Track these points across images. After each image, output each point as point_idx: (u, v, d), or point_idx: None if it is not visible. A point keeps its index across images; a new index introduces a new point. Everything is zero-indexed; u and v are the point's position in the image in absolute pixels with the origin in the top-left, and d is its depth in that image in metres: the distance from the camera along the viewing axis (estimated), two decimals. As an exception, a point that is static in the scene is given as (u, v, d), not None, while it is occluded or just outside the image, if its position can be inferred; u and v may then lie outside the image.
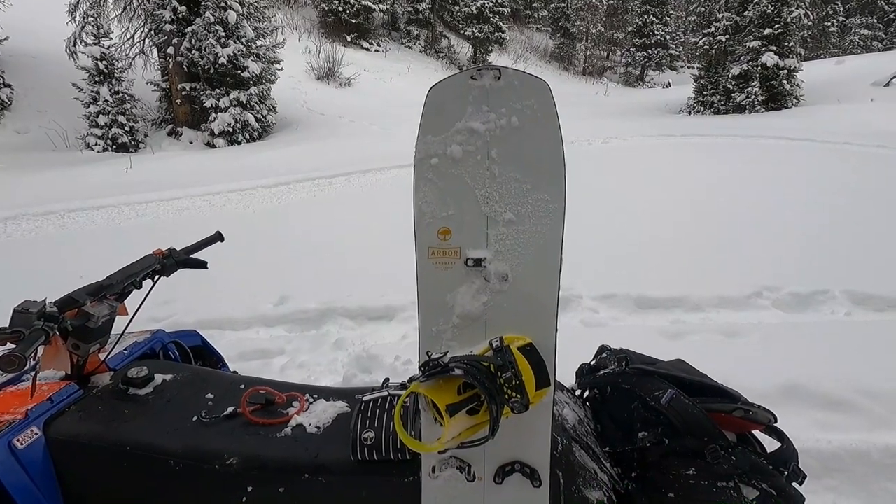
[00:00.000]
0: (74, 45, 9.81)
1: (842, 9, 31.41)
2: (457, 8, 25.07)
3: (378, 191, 6.79)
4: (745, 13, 15.06)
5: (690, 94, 17.22)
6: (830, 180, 6.29)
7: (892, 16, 32.83)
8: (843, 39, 31.89)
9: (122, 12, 10.74)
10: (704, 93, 16.44)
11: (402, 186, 6.29)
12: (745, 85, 14.75)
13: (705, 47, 16.46)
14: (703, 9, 17.05)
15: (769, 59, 14.19)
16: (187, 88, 10.43)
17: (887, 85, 14.76)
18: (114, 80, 9.76)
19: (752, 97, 14.51)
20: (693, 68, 21.66)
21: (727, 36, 15.65)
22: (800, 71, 14.55)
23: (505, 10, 24.36)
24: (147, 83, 10.96)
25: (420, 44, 23.99)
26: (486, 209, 0.86)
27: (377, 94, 16.76)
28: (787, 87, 14.43)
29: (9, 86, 10.84)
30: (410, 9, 23.95)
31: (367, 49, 21.28)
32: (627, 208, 5.38)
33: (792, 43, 14.18)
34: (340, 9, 20.43)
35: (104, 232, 5.38)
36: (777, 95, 14.54)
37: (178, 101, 10.72)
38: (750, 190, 6.04)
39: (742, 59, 14.91)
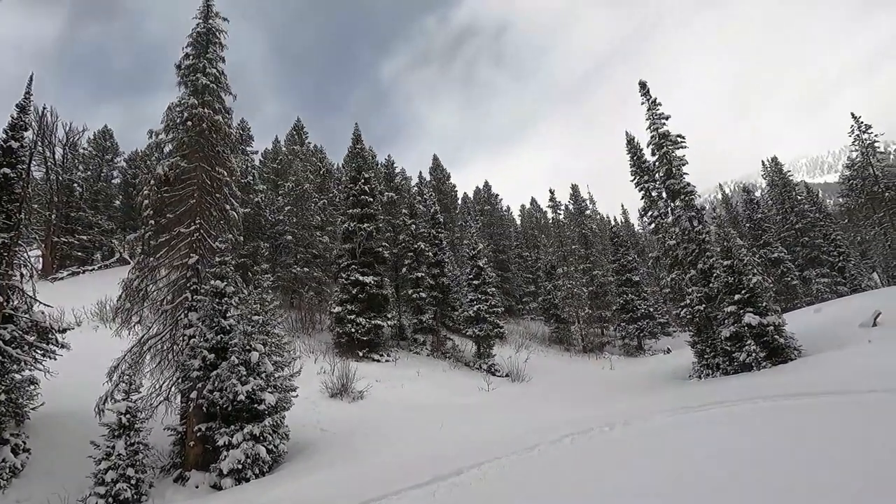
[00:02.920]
0: (104, 404, 10.43)
1: (793, 266, 35.54)
2: (456, 314, 28.08)
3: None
4: (711, 285, 16.90)
5: (693, 359, 17.62)
6: (883, 444, 5.80)
7: (840, 263, 36.92)
8: (808, 289, 34.91)
9: (157, 366, 11.88)
10: (706, 356, 16.87)
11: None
12: (741, 344, 15.29)
13: (687, 316, 17.77)
14: (671, 285, 19.18)
15: (751, 318, 15.17)
16: (203, 429, 10.59)
17: (874, 325, 15.37)
18: (132, 432, 9.97)
19: (754, 354, 14.83)
20: (686, 331, 22.87)
21: (703, 304, 17.12)
22: (785, 325, 15.35)
23: (499, 309, 27.27)
24: (164, 429, 11.19)
25: (427, 348, 25.83)
26: None
27: (389, 402, 17.01)
28: (782, 340, 14.94)
29: (27, 450, 10.96)
30: (416, 320, 26.78)
31: (378, 360, 22.73)
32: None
33: (765, 303, 15.42)
34: (353, 330, 22.80)
35: None
36: (776, 350, 14.90)
37: (192, 443, 10.71)
38: (806, 467, 5.48)
39: (727, 321, 15.91)
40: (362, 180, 26.48)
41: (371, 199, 26.38)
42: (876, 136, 34.97)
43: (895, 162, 46.64)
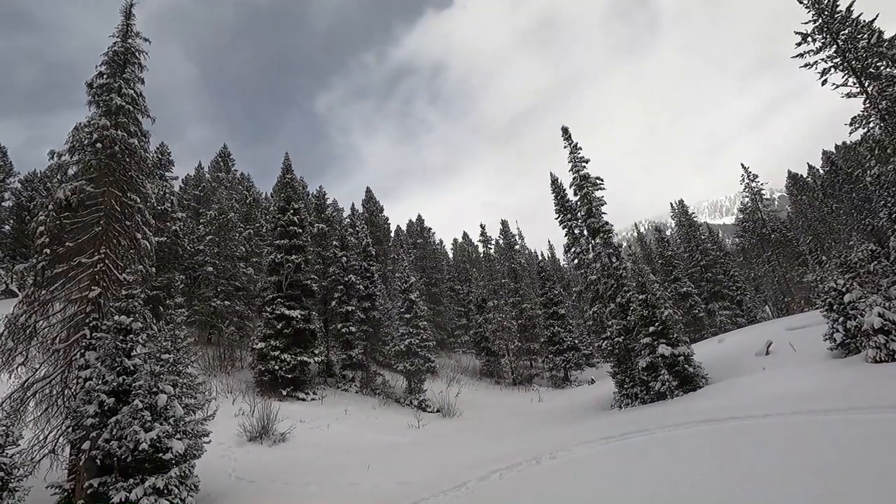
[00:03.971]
0: (-29, 461, 8.95)
1: (700, 300, 38.76)
2: (387, 348, 27.53)
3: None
4: (629, 318, 17.96)
5: (615, 389, 18.43)
6: (777, 464, 6.34)
7: (738, 297, 40.79)
8: (713, 321, 38.12)
9: (42, 414, 10.47)
10: (625, 386, 17.72)
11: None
12: (656, 374, 16.25)
13: (608, 348, 18.67)
14: (594, 318, 20.15)
15: (664, 349, 16.23)
16: (95, 485, 9.36)
17: (767, 354, 17.00)
18: (6, 493, 8.62)
19: (667, 384, 15.80)
20: (608, 362, 23.98)
21: (622, 336, 18.11)
22: (693, 355, 16.56)
23: (431, 342, 27.10)
24: (48, 487, 9.79)
25: (356, 385, 24.96)
26: None
27: (314, 444, 16.10)
28: (691, 370, 16.07)
29: None
30: (345, 356, 25.90)
31: (304, 399, 21.59)
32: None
33: (675, 335, 16.59)
34: (277, 367, 21.58)
35: None
36: (687, 378, 15.98)
37: (81, 502, 9.42)
38: (715, 490, 5.85)
39: (643, 352, 16.90)
40: (291, 210, 25.74)
41: (300, 231, 25.63)
42: (762, 184, 39.77)
43: (779, 208, 53.07)
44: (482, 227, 42.20)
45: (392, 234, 50.45)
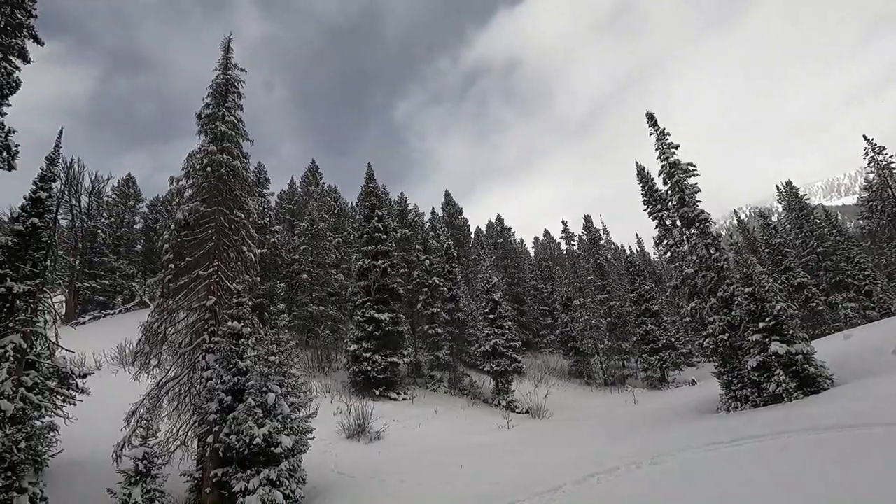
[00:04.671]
0: (121, 450, 10.38)
1: (818, 291, 34.57)
2: (473, 349, 27.71)
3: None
4: (733, 313, 16.47)
5: (720, 391, 16.99)
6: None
7: (867, 287, 35.80)
8: (836, 315, 33.81)
9: (174, 410, 11.85)
10: (733, 387, 16.25)
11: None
12: (769, 374, 14.73)
13: (711, 346, 17.24)
14: (692, 314, 18.73)
15: (777, 347, 14.67)
16: (219, 474, 10.42)
17: (910, 351, 14.72)
18: (149, 479, 9.87)
19: (784, 385, 14.26)
20: (710, 361, 22.14)
21: (726, 333, 16.63)
22: (814, 353, 14.78)
23: (516, 343, 26.84)
24: (181, 475, 11.05)
25: (444, 385, 25.39)
26: None
27: (407, 443, 16.63)
28: (812, 369, 14.37)
29: (45, 499, 10.86)
30: (432, 357, 26.47)
31: (395, 399, 22.37)
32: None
33: (791, 331, 14.93)
34: (369, 368, 22.60)
35: None
36: (807, 379, 14.31)
37: (209, 490, 10.53)
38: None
39: (752, 351, 15.39)
40: (376, 218, 26.85)
41: (385, 236, 26.65)
42: (891, 157, 34.60)
43: (914, 182, 45.90)
44: (564, 223, 41.07)
45: (472, 236, 50.75)
